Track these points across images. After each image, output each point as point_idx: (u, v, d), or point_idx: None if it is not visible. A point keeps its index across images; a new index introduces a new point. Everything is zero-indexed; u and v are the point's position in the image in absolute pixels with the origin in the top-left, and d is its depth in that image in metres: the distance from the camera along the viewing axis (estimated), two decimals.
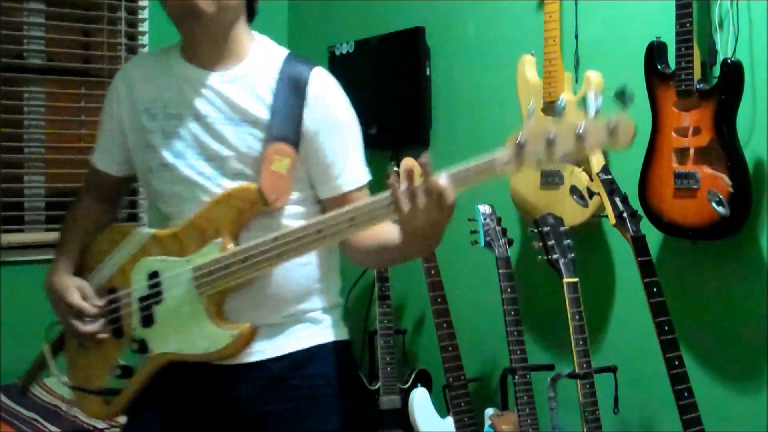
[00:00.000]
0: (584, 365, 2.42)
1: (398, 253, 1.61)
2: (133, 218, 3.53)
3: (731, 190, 2.26)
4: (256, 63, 1.70)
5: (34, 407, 2.81)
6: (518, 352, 2.67)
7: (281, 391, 1.68)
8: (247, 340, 1.60)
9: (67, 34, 3.46)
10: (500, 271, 2.73)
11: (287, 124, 1.64)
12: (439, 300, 2.85)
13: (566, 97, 2.70)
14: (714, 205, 2.28)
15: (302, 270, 1.68)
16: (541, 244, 2.53)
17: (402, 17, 3.44)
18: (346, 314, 1.90)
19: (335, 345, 1.75)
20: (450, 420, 2.85)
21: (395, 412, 3.16)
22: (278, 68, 1.68)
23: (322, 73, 1.70)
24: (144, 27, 3.47)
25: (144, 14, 3.48)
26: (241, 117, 1.65)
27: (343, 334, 1.79)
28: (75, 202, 1.87)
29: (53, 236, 3.31)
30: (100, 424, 2.65)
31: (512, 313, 2.68)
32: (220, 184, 1.65)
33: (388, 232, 1.58)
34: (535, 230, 2.54)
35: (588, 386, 2.43)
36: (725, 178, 2.27)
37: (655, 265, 2.28)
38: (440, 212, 1.42)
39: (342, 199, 1.68)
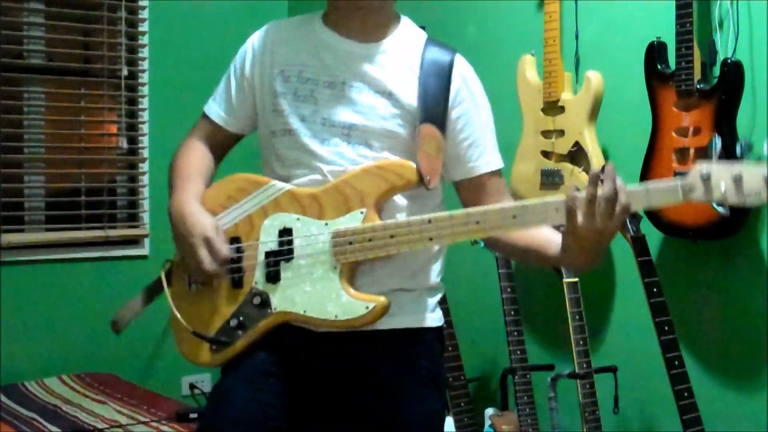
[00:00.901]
0: (584, 365, 2.43)
1: (551, 261, 1.60)
2: (133, 218, 3.53)
3: None
4: (402, 40, 1.70)
5: (34, 407, 2.81)
6: (518, 352, 2.67)
7: (397, 362, 1.65)
8: (380, 314, 1.56)
9: (67, 34, 3.46)
10: (500, 271, 2.73)
11: (435, 107, 1.63)
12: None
13: (566, 97, 2.70)
14: (714, 205, 2.28)
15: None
16: None
17: None
18: None
19: (440, 329, 1.74)
20: (450, 420, 2.85)
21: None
22: (421, 49, 1.69)
23: (462, 58, 1.72)
24: (144, 27, 3.47)
25: (144, 14, 3.48)
26: (380, 89, 1.64)
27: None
28: (184, 145, 1.79)
29: (53, 236, 3.33)
30: (100, 424, 2.65)
31: (512, 313, 2.68)
32: (341, 153, 1.63)
33: (546, 235, 1.58)
34: None
35: (588, 386, 2.43)
36: None
37: (655, 265, 2.28)
38: (611, 223, 1.40)
39: (477, 181, 1.69)
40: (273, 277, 1.61)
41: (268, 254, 1.62)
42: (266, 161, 1.74)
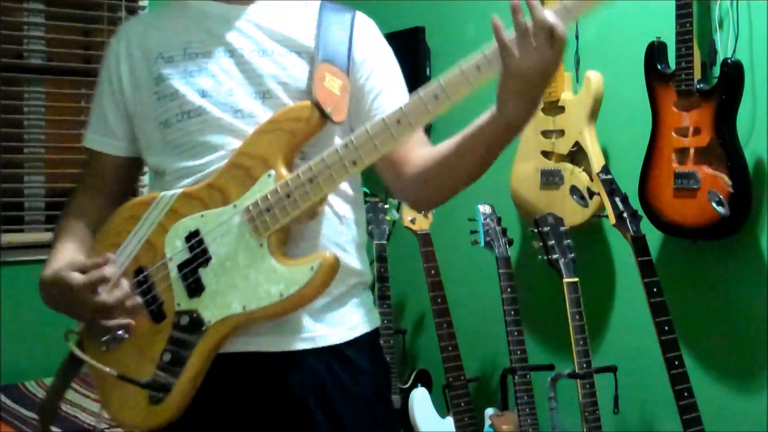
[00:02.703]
0: (584, 365, 2.42)
1: (493, 126, 1.38)
2: None
3: (731, 190, 2.26)
4: (289, 2, 1.55)
5: (34, 407, 2.81)
6: (518, 352, 2.67)
7: (340, 379, 1.46)
8: (331, 272, 1.34)
9: (67, 34, 3.46)
10: (500, 271, 2.73)
11: (336, 48, 1.48)
12: (439, 300, 2.85)
13: (566, 96, 2.70)
14: (714, 205, 2.28)
15: (348, 223, 1.50)
16: (541, 244, 2.53)
17: (402, 17, 3.44)
18: None
19: (376, 332, 1.57)
20: (450, 420, 2.85)
21: (395, 412, 3.16)
22: (316, 10, 1.54)
23: (363, 14, 1.60)
24: None
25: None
26: (283, 45, 1.48)
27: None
28: (68, 201, 1.60)
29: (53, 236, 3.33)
30: (100, 425, 2.65)
31: (512, 313, 2.68)
32: (259, 123, 1.43)
33: (461, 134, 1.43)
34: (535, 230, 2.54)
35: (588, 386, 2.43)
36: (725, 178, 2.27)
37: (655, 265, 2.28)
38: (552, 49, 1.28)
39: None
40: (195, 289, 1.39)
41: (181, 266, 1.41)
42: (157, 167, 1.52)
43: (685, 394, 2.18)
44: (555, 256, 2.50)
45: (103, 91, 1.56)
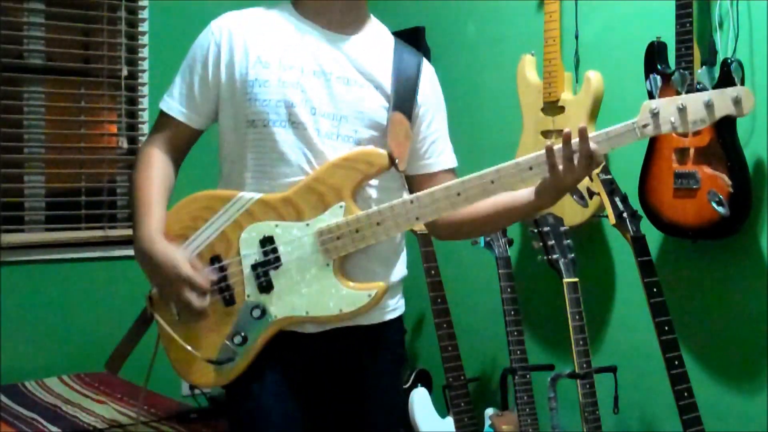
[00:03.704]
0: (584, 365, 2.43)
1: (521, 211, 1.66)
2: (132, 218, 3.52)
3: (731, 190, 2.26)
4: (377, 34, 1.75)
5: (34, 407, 2.81)
6: (518, 352, 2.67)
7: (381, 351, 1.76)
8: (381, 299, 1.64)
9: (67, 34, 3.46)
10: (500, 271, 2.73)
11: (406, 97, 1.69)
12: (439, 300, 2.85)
13: (566, 97, 2.70)
14: (714, 205, 2.28)
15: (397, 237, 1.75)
16: (541, 244, 2.53)
17: (402, 17, 3.44)
18: None
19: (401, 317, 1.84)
20: (450, 420, 2.85)
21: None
22: (392, 44, 1.75)
23: (427, 62, 1.80)
24: (144, 27, 3.47)
25: (144, 14, 3.48)
26: (365, 79, 1.67)
27: None
28: (145, 157, 1.71)
29: (53, 236, 3.33)
30: (100, 424, 2.65)
31: (512, 313, 2.68)
32: (332, 146, 1.63)
33: (508, 194, 1.65)
34: (535, 230, 2.54)
35: (588, 386, 2.43)
36: (725, 178, 2.27)
37: (655, 265, 2.28)
38: (587, 171, 1.53)
39: (432, 177, 1.75)
40: (266, 287, 1.63)
41: (254, 266, 1.63)
42: (231, 158, 1.69)
43: (685, 394, 2.18)
44: (555, 256, 2.50)
45: (194, 71, 1.69)
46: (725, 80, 2.27)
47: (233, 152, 1.68)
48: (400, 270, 1.77)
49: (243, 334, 1.63)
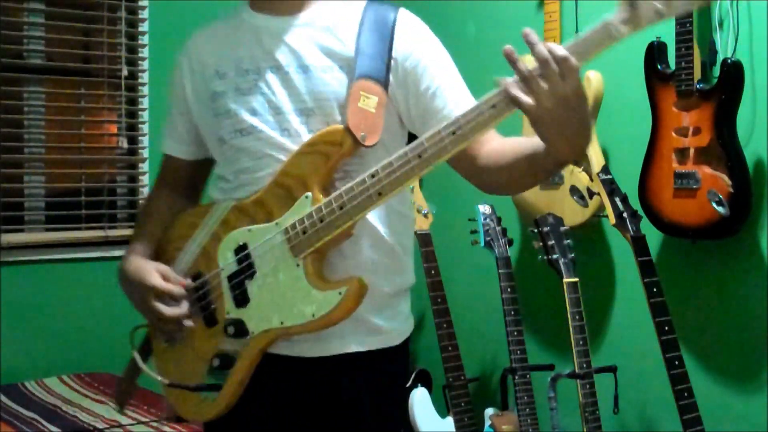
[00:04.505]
0: (584, 365, 2.43)
1: (543, 160, 1.36)
2: (133, 218, 3.52)
3: (731, 190, 2.26)
4: (335, 7, 1.55)
5: (34, 407, 2.81)
6: (518, 352, 2.67)
7: (373, 382, 1.54)
8: (357, 297, 1.41)
9: (67, 34, 3.46)
10: (500, 271, 2.73)
11: (373, 61, 1.47)
12: (439, 300, 2.85)
13: None
14: (714, 205, 2.28)
15: (395, 228, 1.54)
16: (541, 244, 2.53)
17: None
18: None
19: (405, 342, 1.61)
20: (450, 420, 2.85)
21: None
22: (360, 12, 1.53)
23: (407, 12, 1.57)
24: (144, 27, 3.46)
25: (144, 14, 3.48)
26: (327, 59, 1.49)
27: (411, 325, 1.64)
28: (149, 196, 1.75)
29: (53, 236, 3.33)
30: (100, 424, 2.65)
31: (512, 313, 2.68)
32: (304, 141, 1.48)
33: (523, 142, 1.42)
34: (535, 230, 2.54)
35: (588, 386, 2.43)
36: (725, 178, 2.27)
37: (655, 265, 2.28)
38: (565, 82, 1.24)
39: None
40: (242, 300, 1.49)
41: (230, 277, 1.50)
42: (219, 173, 1.62)
43: (685, 394, 2.18)
44: (555, 256, 2.50)
45: (172, 101, 1.67)
46: (725, 80, 2.27)
47: (217, 170, 1.62)
48: (396, 278, 1.56)
49: (224, 355, 1.49)
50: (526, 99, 1.26)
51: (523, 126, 2.81)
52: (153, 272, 1.53)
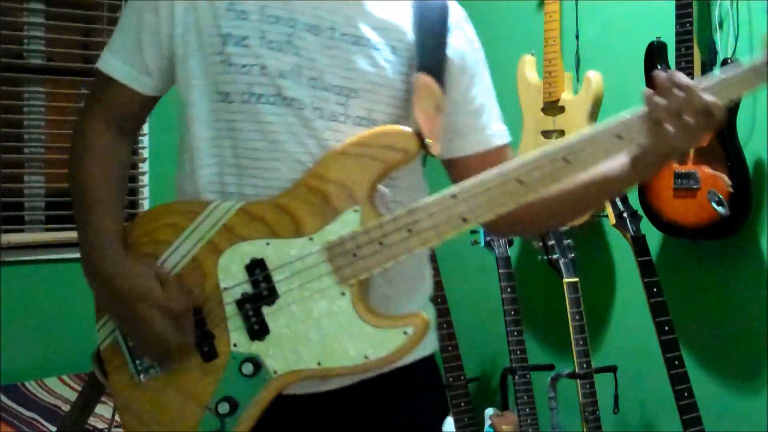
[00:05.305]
0: (584, 365, 2.42)
1: (612, 188, 1.24)
2: (133, 218, 3.52)
3: (731, 190, 2.26)
4: None
5: (34, 407, 2.81)
6: (518, 352, 2.67)
7: (415, 405, 1.30)
8: (423, 337, 1.17)
9: (67, 34, 3.46)
10: (500, 271, 2.73)
11: (432, 54, 1.22)
12: (439, 300, 2.85)
13: (566, 97, 2.70)
14: (714, 205, 2.28)
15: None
16: (541, 244, 2.53)
17: None
18: None
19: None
20: (450, 420, 2.84)
21: None
22: None
23: (455, 3, 1.33)
24: None
25: None
26: (381, 37, 1.22)
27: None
28: (87, 138, 1.27)
29: (53, 236, 3.33)
30: (100, 424, 2.65)
31: (512, 313, 2.68)
32: (339, 131, 1.19)
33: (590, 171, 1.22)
34: None
35: (588, 386, 2.43)
36: (725, 178, 2.27)
37: (655, 265, 2.28)
38: (707, 128, 1.12)
39: (492, 155, 1.29)
40: (258, 331, 1.18)
41: (241, 303, 1.18)
42: (196, 147, 1.22)
43: (685, 394, 2.18)
44: (555, 256, 2.50)
45: (142, 19, 1.25)
46: None
47: (199, 139, 1.22)
48: (427, 292, 1.34)
49: (232, 399, 1.18)
50: (669, 128, 1.11)
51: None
52: (151, 277, 1.19)
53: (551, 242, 2.51)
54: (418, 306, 1.27)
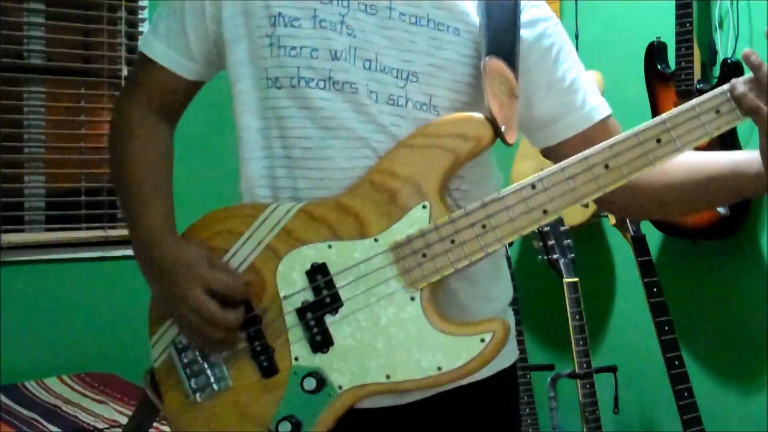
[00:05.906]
0: (584, 365, 2.42)
1: (745, 188, 1.17)
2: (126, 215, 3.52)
3: None
4: None
5: (34, 407, 2.81)
6: (518, 352, 2.67)
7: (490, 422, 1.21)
8: (502, 345, 1.06)
9: (67, 34, 3.46)
10: None
11: (502, 37, 1.12)
12: None
13: None
14: None
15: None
16: (541, 244, 2.53)
17: None
18: None
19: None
20: None
21: None
22: None
23: None
24: (144, 27, 3.46)
25: (144, 14, 3.48)
26: (445, 16, 1.13)
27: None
28: (130, 123, 1.23)
29: (53, 236, 3.33)
30: (100, 424, 2.65)
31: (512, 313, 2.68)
32: (398, 117, 1.11)
33: (710, 156, 1.14)
34: (535, 230, 2.54)
35: (588, 386, 2.43)
36: None
37: (655, 265, 2.28)
38: None
39: (597, 131, 1.19)
40: (321, 342, 1.09)
41: (302, 311, 1.10)
42: (246, 140, 1.17)
43: (685, 394, 2.18)
44: (555, 256, 2.50)
45: (186, 3, 1.20)
46: (725, 80, 2.27)
47: (248, 130, 1.16)
48: (505, 295, 1.24)
49: (293, 418, 1.09)
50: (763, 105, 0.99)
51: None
52: (203, 260, 1.12)
53: (551, 242, 2.51)
54: (497, 312, 1.19)
